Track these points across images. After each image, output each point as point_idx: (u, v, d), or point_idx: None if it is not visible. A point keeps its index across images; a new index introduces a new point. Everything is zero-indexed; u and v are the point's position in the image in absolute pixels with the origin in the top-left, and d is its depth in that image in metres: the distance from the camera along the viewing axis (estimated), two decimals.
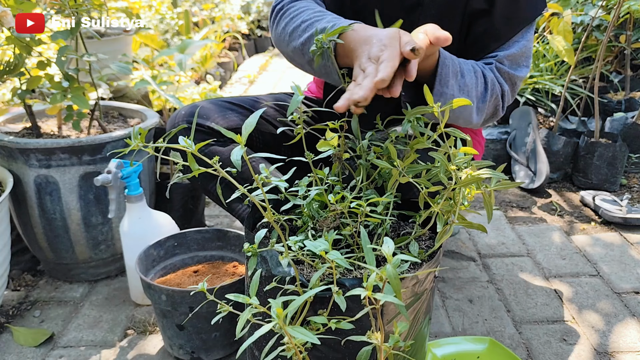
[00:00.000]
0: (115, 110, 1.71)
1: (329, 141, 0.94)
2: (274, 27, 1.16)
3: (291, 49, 1.09)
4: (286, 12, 1.13)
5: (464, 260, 1.62)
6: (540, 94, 2.47)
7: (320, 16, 1.07)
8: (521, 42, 1.18)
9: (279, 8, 1.16)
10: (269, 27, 1.20)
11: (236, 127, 1.28)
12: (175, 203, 1.67)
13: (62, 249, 1.45)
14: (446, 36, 0.88)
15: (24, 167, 1.35)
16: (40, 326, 1.34)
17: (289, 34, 1.09)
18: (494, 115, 1.18)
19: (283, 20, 1.13)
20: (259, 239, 0.84)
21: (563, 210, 1.94)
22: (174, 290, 1.09)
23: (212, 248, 1.34)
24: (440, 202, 0.89)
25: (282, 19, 1.13)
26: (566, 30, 1.89)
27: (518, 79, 1.18)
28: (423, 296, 0.91)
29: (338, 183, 0.98)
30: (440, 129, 0.87)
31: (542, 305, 1.41)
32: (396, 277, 0.62)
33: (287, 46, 1.11)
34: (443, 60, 1.01)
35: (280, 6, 1.16)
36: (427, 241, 0.98)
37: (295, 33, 1.08)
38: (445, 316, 1.37)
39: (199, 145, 0.79)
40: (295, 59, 1.12)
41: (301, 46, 1.06)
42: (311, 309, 0.83)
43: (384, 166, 0.91)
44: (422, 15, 1.18)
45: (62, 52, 1.24)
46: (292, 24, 1.10)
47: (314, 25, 1.05)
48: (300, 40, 1.07)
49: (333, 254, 0.74)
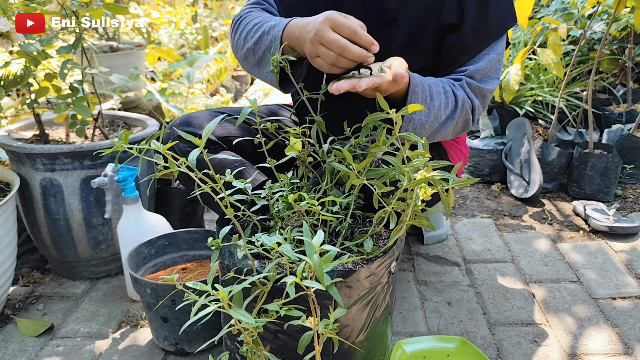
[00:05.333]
0: (120, 119, 1.83)
1: (294, 146, 1.02)
2: (232, 36, 1.27)
3: (244, 51, 1.20)
4: (242, 21, 1.24)
5: (448, 265, 1.68)
6: (539, 106, 2.51)
7: (269, 18, 1.18)
8: (490, 54, 1.24)
9: (237, 20, 1.28)
10: (230, 39, 1.32)
11: (228, 136, 1.37)
12: (175, 207, 1.77)
13: (65, 247, 1.55)
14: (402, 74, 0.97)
15: (30, 170, 1.46)
16: (42, 318, 1.44)
17: (244, 37, 1.20)
18: (464, 128, 1.25)
19: (239, 28, 1.24)
20: (223, 234, 0.92)
21: (554, 219, 1.98)
22: (157, 284, 1.18)
23: (201, 248, 1.43)
24: (392, 201, 0.96)
25: (238, 27, 1.24)
26: (555, 44, 1.94)
27: (488, 92, 1.24)
28: (377, 289, 0.98)
29: (303, 184, 1.06)
30: (396, 134, 0.94)
31: (517, 309, 1.45)
32: (320, 265, 0.69)
33: (241, 50, 1.21)
34: (413, 89, 1.07)
35: (238, 17, 1.28)
36: (387, 240, 1.05)
37: (248, 35, 1.19)
38: (422, 317, 1.42)
39: (167, 146, 0.88)
40: (247, 61, 1.22)
41: (253, 45, 1.17)
42: (269, 299, 0.91)
43: (341, 169, 0.98)
44: (397, 30, 1.25)
45: (64, 65, 1.36)
46: (246, 29, 1.21)
47: (263, 26, 1.15)
48: (252, 40, 1.17)
49: (284, 247, 0.81)
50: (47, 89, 1.49)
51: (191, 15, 4.53)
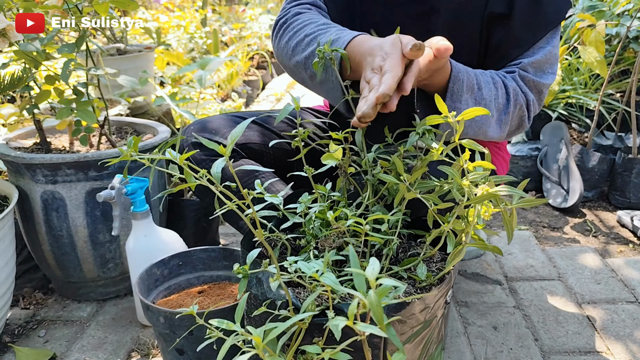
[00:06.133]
0: (129, 126, 1.69)
1: (333, 154, 0.87)
2: (277, 41, 1.13)
3: (293, 63, 1.06)
4: (289, 26, 1.10)
5: (489, 283, 1.52)
6: (573, 109, 2.35)
7: (324, 29, 1.03)
8: (546, 47, 1.10)
9: (282, 22, 1.13)
10: (272, 41, 1.17)
11: (246, 143, 1.23)
12: (188, 221, 1.62)
13: (69, 267, 1.41)
14: (446, 46, 0.81)
15: (30, 182, 1.33)
16: (44, 346, 1.30)
17: (292, 48, 1.07)
18: (519, 127, 1.11)
19: (286, 34, 1.10)
20: (251, 259, 0.78)
21: (598, 231, 1.82)
22: (172, 313, 1.03)
23: (219, 268, 1.28)
24: (451, 220, 0.81)
25: (285, 33, 1.11)
26: (598, 41, 1.79)
27: (544, 87, 1.10)
28: (432, 323, 0.83)
29: (342, 199, 0.91)
30: (455, 141, 0.79)
31: (573, 334, 1.30)
32: (378, 304, 0.54)
33: (289, 60, 1.08)
34: (456, 74, 0.95)
35: (284, 20, 1.13)
36: (439, 263, 0.90)
37: (298, 47, 1.05)
38: (467, 344, 1.27)
39: (185, 155, 0.74)
40: (297, 74, 1.09)
41: (304, 60, 1.03)
42: (308, 336, 0.76)
43: (390, 181, 0.84)
44: (437, 23, 1.12)
45: (67, 65, 1.22)
46: (295, 38, 1.07)
47: (317, 39, 1.01)
48: (303, 55, 1.03)
49: (327, 276, 0.67)
50: (49, 92, 1.35)
51: (200, 19, 4.40)
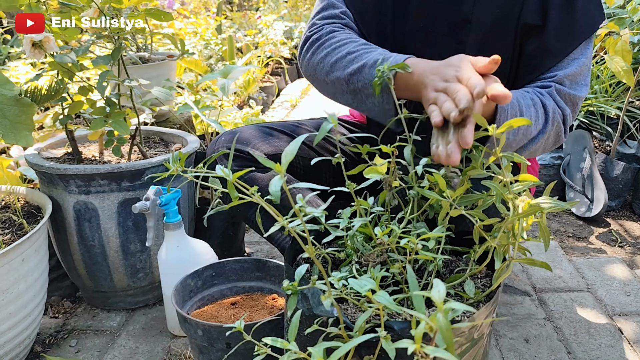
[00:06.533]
0: (156, 135, 1.70)
1: (378, 168, 0.87)
2: (309, 56, 1.14)
3: (332, 78, 1.07)
4: (325, 42, 1.12)
5: (517, 294, 1.52)
6: (594, 117, 2.35)
7: (367, 49, 1.05)
8: (580, 59, 1.10)
9: (315, 38, 1.14)
10: (299, 55, 1.18)
11: (277, 154, 1.24)
12: (215, 230, 1.63)
13: (100, 276, 1.42)
14: (505, 94, 0.80)
15: (63, 193, 1.33)
16: (75, 356, 1.31)
17: (331, 64, 1.08)
18: (555, 143, 1.11)
19: (322, 50, 1.11)
20: (300, 275, 0.78)
21: (624, 241, 1.81)
22: (210, 326, 1.03)
23: (251, 279, 1.29)
24: (497, 235, 0.81)
25: (319, 49, 1.12)
26: (625, 50, 1.79)
27: (579, 99, 1.10)
28: (480, 342, 0.83)
29: (385, 213, 0.91)
30: (497, 154, 0.79)
31: (606, 347, 1.29)
32: (448, 328, 0.54)
33: (326, 76, 1.09)
34: (502, 107, 0.95)
35: (318, 36, 1.14)
36: (483, 279, 0.90)
37: (338, 64, 1.06)
38: (500, 357, 1.27)
39: (238, 174, 0.74)
40: (332, 89, 1.10)
41: (348, 77, 1.04)
42: (356, 354, 0.76)
43: (432, 197, 0.84)
44: (470, 33, 1.12)
45: (103, 77, 1.23)
46: (334, 54, 1.08)
47: (363, 57, 1.03)
48: (347, 71, 1.04)
49: (381, 295, 0.67)
50: (82, 103, 1.36)
51: (215, 26, 4.42)
